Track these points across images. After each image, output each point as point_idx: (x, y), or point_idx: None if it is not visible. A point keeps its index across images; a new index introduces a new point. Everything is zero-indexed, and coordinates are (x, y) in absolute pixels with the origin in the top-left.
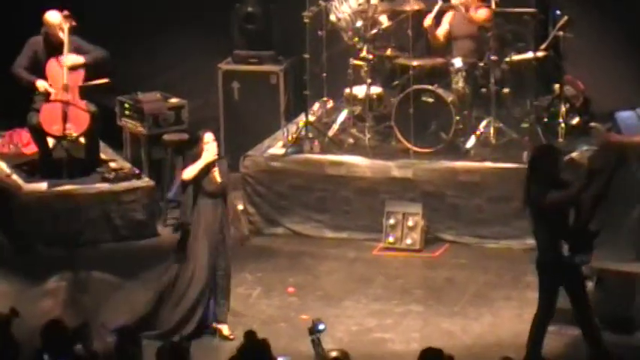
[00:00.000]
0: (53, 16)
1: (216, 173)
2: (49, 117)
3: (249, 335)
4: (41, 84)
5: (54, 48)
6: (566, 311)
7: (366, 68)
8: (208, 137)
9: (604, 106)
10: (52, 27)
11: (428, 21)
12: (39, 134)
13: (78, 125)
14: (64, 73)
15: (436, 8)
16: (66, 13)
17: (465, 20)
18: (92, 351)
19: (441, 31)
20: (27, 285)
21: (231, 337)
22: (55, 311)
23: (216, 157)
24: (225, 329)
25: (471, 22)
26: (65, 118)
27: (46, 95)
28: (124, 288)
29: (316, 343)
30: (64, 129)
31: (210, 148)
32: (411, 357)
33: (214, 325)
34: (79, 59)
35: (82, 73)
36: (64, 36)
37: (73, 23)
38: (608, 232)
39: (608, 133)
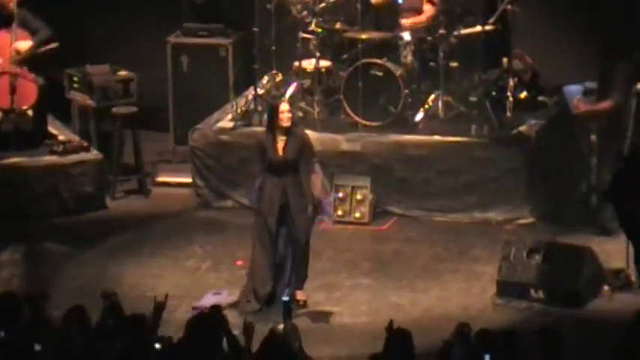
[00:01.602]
0: None
1: (279, 145)
2: None
3: (215, 309)
4: None
5: (3, 20)
6: (514, 284)
7: (314, 42)
8: (284, 107)
9: (552, 80)
10: (4, 1)
11: None
12: None
13: (26, 98)
14: (11, 45)
15: None
16: None
17: None
18: (44, 319)
19: None
20: None
21: (302, 302)
22: (13, 283)
23: (287, 125)
24: (298, 294)
25: None
26: (13, 91)
27: None
28: (73, 259)
29: (285, 316)
30: (12, 102)
31: (283, 117)
32: (359, 330)
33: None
34: (28, 44)
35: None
36: (13, 8)
37: None
38: (556, 204)
39: (577, 105)
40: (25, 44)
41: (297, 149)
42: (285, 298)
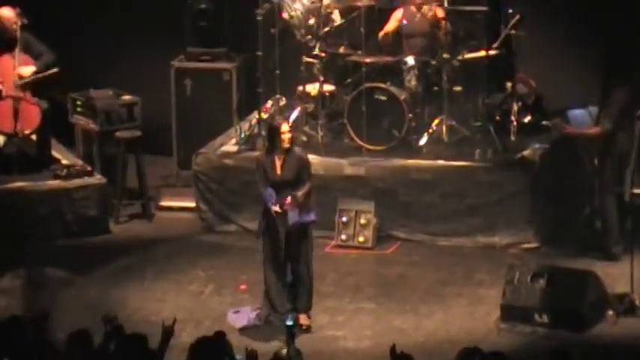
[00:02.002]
0: (7, 12)
1: (278, 164)
2: None
3: (220, 334)
4: None
5: (6, 43)
6: (518, 308)
7: (318, 66)
8: (284, 128)
9: (556, 103)
10: (5, 22)
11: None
12: None
13: (29, 122)
14: (15, 69)
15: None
16: (18, 10)
17: (417, 18)
18: (47, 342)
19: (388, 28)
20: None
21: (305, 326)
22: (11, 310)
23: (287, 147)
24: (301, 318)
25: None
26: (16, 115)
27: None
28: (75, 284)
29: (289, 340)
30: (15, 126)
31: (284, 138)
32: (362, 354)
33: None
34: (30, 69)
35: (33, 69)
36: (17, 32)
37: (25, 21)
38: (560, 228)
39: (562, 126)
40: (27, 69)
41: (295, 168)
42: (289, 323)
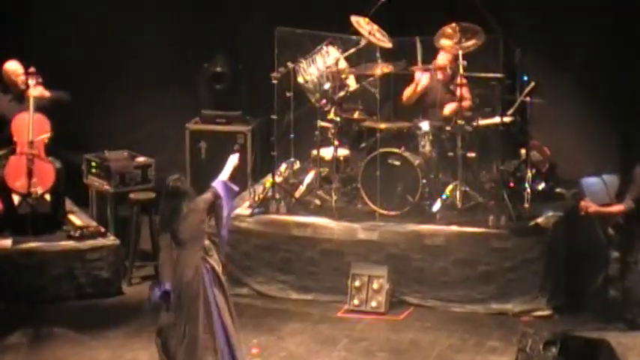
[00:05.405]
0: (12, 65)
1: None
2: (13, 172)
3: None
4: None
5: (18, 98)
6: None
7: (333, 130)
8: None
9: (570, 171)
10: (12, 75)
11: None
12: (3, 189)
13: (43, 182)
14: (29, 128)
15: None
16: (32, 69)
17: (437, 86)
18: None
19: (413, 91)
20: None
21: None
22: None
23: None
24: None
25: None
26: (30, 174)
27: (12, 150)
28: (84, 344)
29: None
30: (29, 185)
31: None
32: None
33: None
34: (45, 92)
35: (48, 129)
36: (27, 86)
37: (39, 80)
38: (573, 296)
39: (587, 205)
40: (42, 90)
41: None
42: None
